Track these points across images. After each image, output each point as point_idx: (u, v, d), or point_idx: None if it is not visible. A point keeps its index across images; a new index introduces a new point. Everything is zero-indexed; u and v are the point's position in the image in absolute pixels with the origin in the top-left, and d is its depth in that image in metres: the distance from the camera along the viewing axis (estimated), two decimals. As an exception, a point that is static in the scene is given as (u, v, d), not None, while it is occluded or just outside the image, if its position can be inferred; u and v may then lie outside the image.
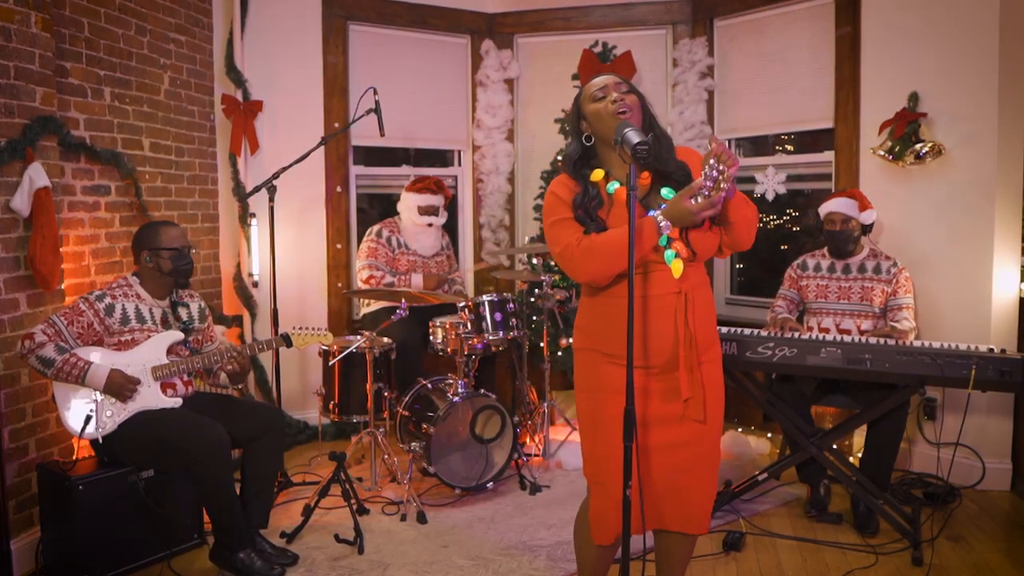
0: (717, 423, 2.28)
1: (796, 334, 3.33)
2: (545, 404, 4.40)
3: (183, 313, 3.26)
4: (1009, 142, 3.71)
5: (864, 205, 3.72)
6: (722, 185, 1.98)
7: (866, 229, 3.74)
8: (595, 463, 2.25)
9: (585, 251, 2.13)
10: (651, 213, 2.12)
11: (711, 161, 1.97)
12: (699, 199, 2.01)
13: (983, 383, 3.03)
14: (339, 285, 4.95)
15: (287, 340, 3.32)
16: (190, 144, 4.36)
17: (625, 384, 2.12)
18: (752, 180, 4.82)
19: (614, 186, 2.19)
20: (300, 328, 3.39)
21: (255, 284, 4.61)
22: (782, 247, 5.02)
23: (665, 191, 2.18)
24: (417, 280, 4.50)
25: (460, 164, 5.44)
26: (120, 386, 2.98)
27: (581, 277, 2.20)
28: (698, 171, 2.12)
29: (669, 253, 2.12)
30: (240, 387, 3.25)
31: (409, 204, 4.57)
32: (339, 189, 4.93)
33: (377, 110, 4.15)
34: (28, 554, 3.09)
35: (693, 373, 2.17)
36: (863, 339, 3.32)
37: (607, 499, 2.20)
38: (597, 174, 2.21)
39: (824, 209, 3.76)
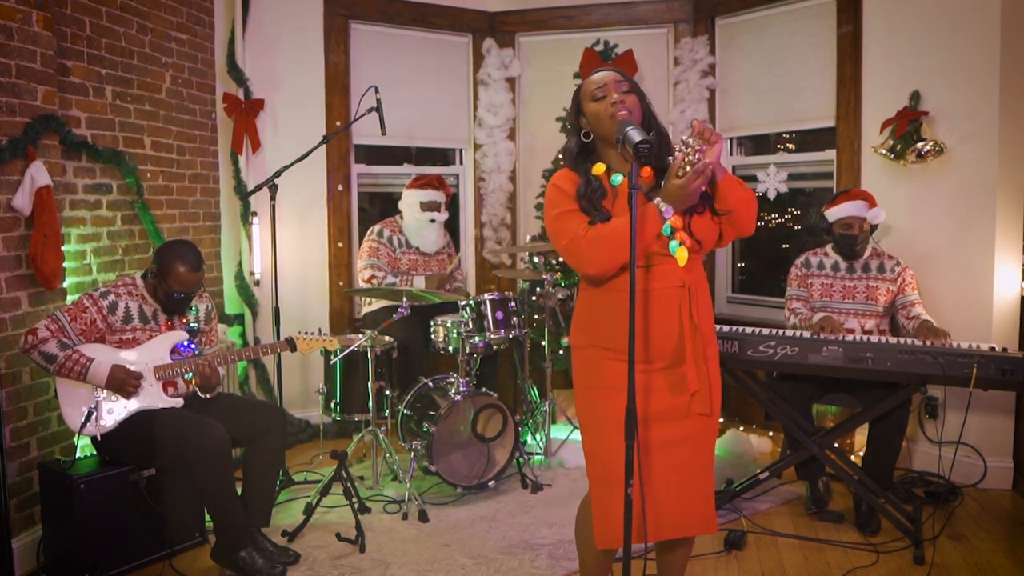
0: (716, 419, 2.28)
1: (843, 336, 3.30)
2: (546, 403, 4.40)
3: (189, 315, 3.26)
4: (1010, 140, 3.71)
5: (872, 204, 3.69)
6: (695, 156, 2.00)
7: (872, 229, 3.73)
8: (599, 462, 2.22)
9: (592, 241, 2.11)
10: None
11: (686, 139, 2.00)
12: (684, 171, 2.01)
13: (985, 382, 3.03)
14: (340, 284, 4.96)
15: (292, 344, 3.31)
16: (191, 143, 4.36)
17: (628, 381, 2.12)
18: (754, 179, 4.82)
19: (618, 178, 2.18)
20: (305, 332, 3.38)
21: (256, 283, 4.61)
22: (783, 246, 5.02)
23: None
24: (419, 283, 4.50)
25: (462, 163, 5.44)
26: (122, 382, 2.99)
27: (588, 269, 2.16)
28: None
29: (673, 243, 2.11)
30: (209, 395, 3.21)
31: (411, 201, 4.57)
32: (340, 188, 4.93)
33: (378, 109, 4.15)
34: (29, 553, 3.09)
35: (700, 366, 2.16)
36: (867, 338, 3.32)
37: (612, 499, 2.17)
38: (599, 168, 2.20)
39: (837, 214, 3.68)
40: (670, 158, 2.08)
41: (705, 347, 2.21)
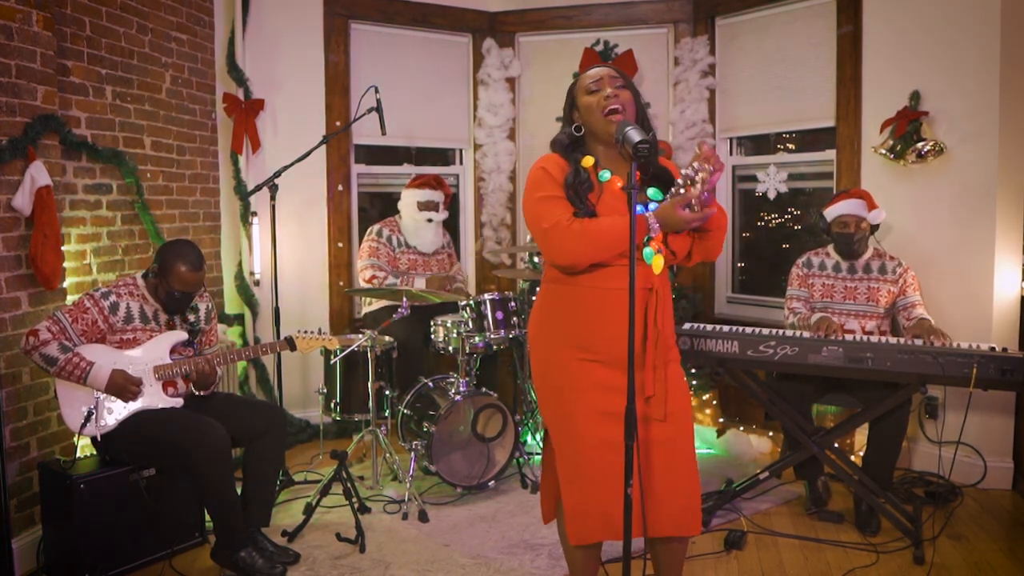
0: (686, 421, 2.25)
1: (839, 335, 3.30)
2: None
3: (191, 315, 3.26)
4: (1010, 140, 3.71)
5: (872, 204, 3.70)
6: (700, 186, 2.01)
7: (873, 229, 3.73)
8: (569, 463, 2.20)
9: (578, 234, 2.09)
10: (641, 211, 2.12)
11: (694, 164, 1.99)
12: (692, 209, 2.02)
13: (984, 382, 3.03)
14: (340, 284, 4.96)
15: (291, 344, 3.31)
16: (191, 143, 4.36)
17: (600, 380, 2.13)
18: (754, 179, 4.82)
19: (607, 175, 2.19)
20: (305, 332, 3.38)
21: (256, 283, 4.61)
22: (784, 246, 5.02)
23: (652, 191, 2.18)
24: (420, 283, 4.50)
25: (462, 163, 5.44)
26: (121, 387, 2.99)
27: (563, 259, 2.14)
28: (676, 175, 2.13)
29: (648, 250, 2.12)
30: (204, 391, 3.22)
31: (409, 201, 4.59)
32: (340, 188, 4.93)
33: (378, 109, 4.16)
34: (29, 553, 3.09)
35: (657, 371, 2.16)
36: (867, 338, 3.32)
37: (584, 499, 2.17)
38: (588, 160, 2.20)
39: (834, 212, 3.69)
40: (678, 181, 2.08)
41: (667, 351, 2.21)
